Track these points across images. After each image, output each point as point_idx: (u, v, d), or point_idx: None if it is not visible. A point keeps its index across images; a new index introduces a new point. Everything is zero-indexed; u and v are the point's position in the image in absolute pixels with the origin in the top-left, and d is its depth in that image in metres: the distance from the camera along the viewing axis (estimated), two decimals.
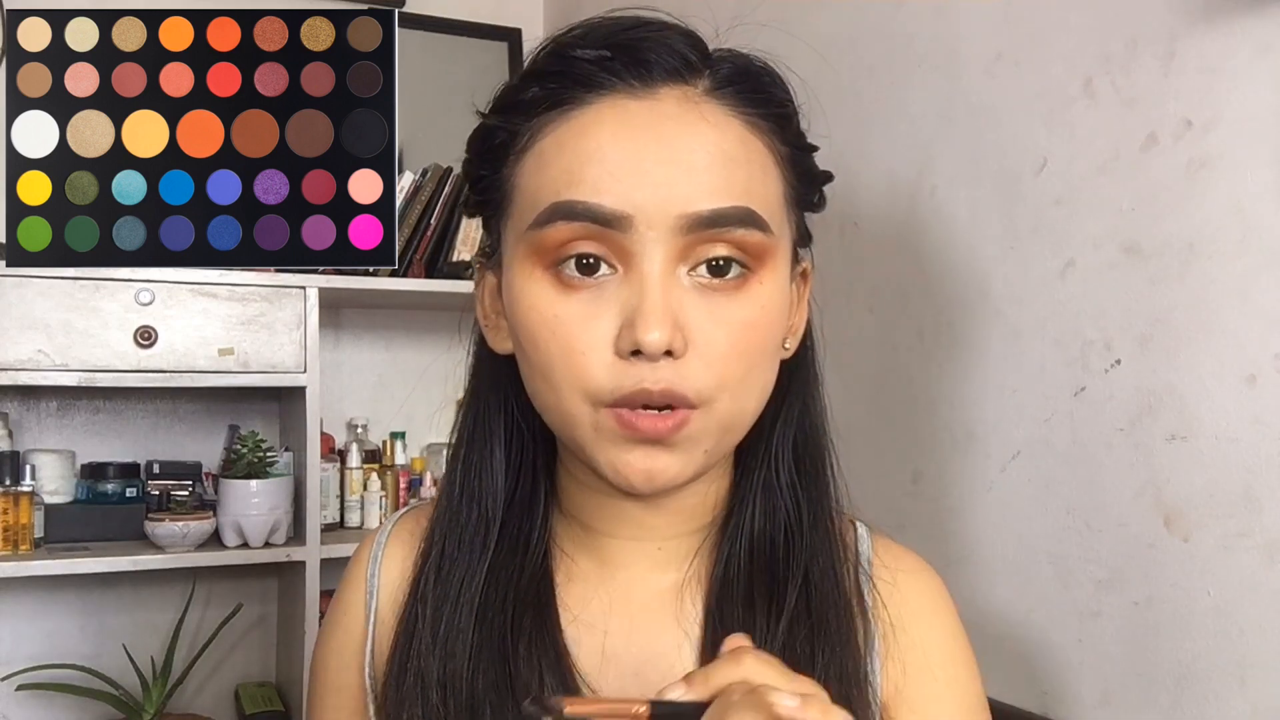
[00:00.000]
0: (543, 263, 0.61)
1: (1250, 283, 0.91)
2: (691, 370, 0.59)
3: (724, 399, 0.61)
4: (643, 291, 0.59)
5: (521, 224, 0.62)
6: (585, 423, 0.61)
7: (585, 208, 0.59)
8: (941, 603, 0.72)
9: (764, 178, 0.63)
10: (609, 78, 0.61)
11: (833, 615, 0.66)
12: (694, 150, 0.60)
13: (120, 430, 2.14)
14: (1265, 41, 0.90)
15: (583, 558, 0.71)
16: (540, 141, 0.62)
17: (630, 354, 0.58)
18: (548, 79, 0.62)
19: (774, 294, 0.63)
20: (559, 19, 2.43)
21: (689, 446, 0.61)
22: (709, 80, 0.62)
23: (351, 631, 0.75)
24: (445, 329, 0.68)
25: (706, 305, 0.60)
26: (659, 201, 0.59)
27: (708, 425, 0.61)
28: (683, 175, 0.59)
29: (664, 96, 0.61)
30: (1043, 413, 1.12)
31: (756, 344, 0.62)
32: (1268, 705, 0.90)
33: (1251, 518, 0.91)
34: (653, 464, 0.61)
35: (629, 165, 0.59)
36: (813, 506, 0.69)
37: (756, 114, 0.63)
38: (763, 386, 0.64)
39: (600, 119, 0.60)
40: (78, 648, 2.04)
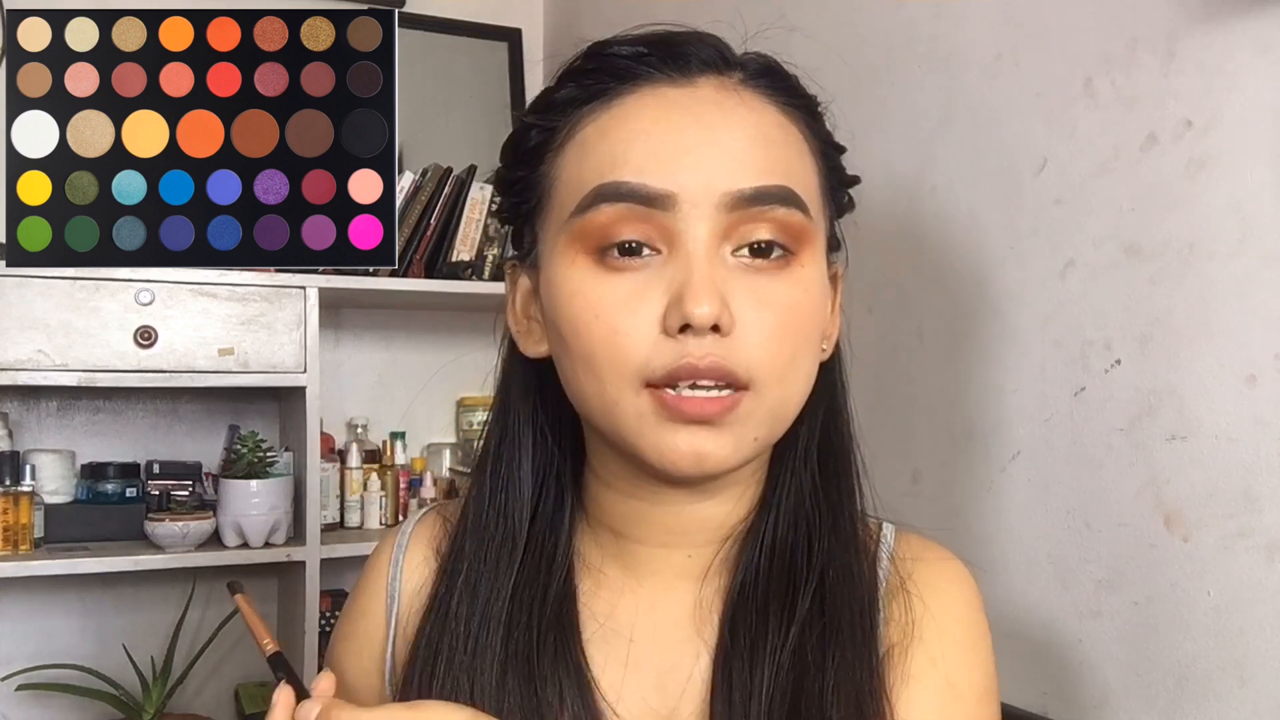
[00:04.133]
0: (586, 248, 0.61)
1: (1250, 283, 0.91)
2: (741, 347, 0.59)
3: (772, 383, 0.61)
4: (690, 267, 0.59)
5: (563, 214, 0.62)
6: (629, 409, 0.60)
7: (630, 188, 0.59)
8: (964, 589, 0.71)
9: (801, 161, 0.64)
10: (647, 69, 0.62)
11: (847, 619, 0.65)
12: (734, 131, 0.61)
13: (120, 430, 2.13)
14: (1265, 41, 0.90)
15: (611, 566, 0.70)
16: (581, 132, 0.63)
17: (679, 331, 0.58)
18: (585, 76, 0.63)
19: (816, 278, 0.63)
20: (559, 19, 2.43)
21: (739, 430, 0.61)
22: (742, 72, 0.64)
23: (372, 638, 0.75)
24: (445, 329, 0.68)
25: (751, 286, 0.60)
26: (702, 180, 0.59)
27: (757, 409, 0.61)
28: (725, 155, 0.60)
29: (702, 84, 0.62)
30: (1043, 413, 1.12)
31: (802, 327, 0.62)
32: (1268, 705, 0.90)
33: (1252, 518, 0.91)
34: (701, 445, 0.60)
35: (671, 146, 0.60)
36: (834, 510, 0.68)
37: (790, 103, 0.65)
38: (807, 375, 0.64)
39: (642, 104, 0.62)
40: (78, 648, 2.04)
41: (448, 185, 2.03)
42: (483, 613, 0.68)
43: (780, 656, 0.63)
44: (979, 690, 0.68)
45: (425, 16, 2.30)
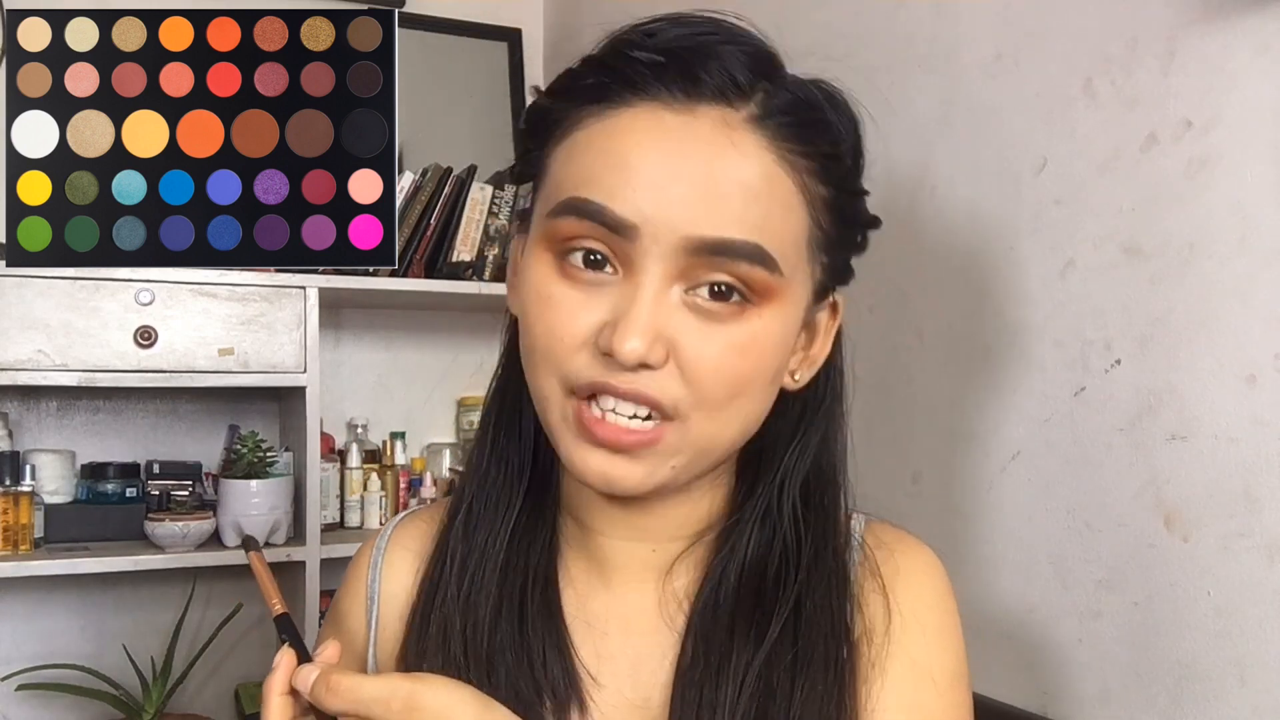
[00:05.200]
0: (551, 248, 0.62)
1: (1250, 282, 0.91)
2: (672, 380, 0.60)
3: (699, 418, 0.61)
4: (634, 300, 0.59)
5: (545, 208, 0.63)
6: (556, 410, 0.62)
7: (595, 209, 0.59)
8: (934, 576, 0.71)
9: (785, 216, 0.61)
10: (655, 85, 0.60)
11: (820, 652, 0.65)
12: (715, 176, 0.59)
13: (120, 430, 2.13)
14: (1264, 41, 0.90)
15: (580, 559, 0.71)
16: (575, 133, 0.63)
17: (605, 354, 0.59)
18: (601, 72, 0.63)
19: (771, 327, 0.62)
20: (559, 19, 2.43)
21: (653, 459, 0.61)
22: (755, 107, 0.61)
23: (354, 640, 0.75)
24: (445, 329, 0.68)
25: (699, 325, 0.60)
26: (668, 219, 0.58)
27: (680, 442, 0.61)
28: (697, 198, 0.59)
29: (702, 115, 0.60)
30: (1043, 413, 1.12)
31: (745, 370, 0.61)
32: (1268, 705, 0.90)
33: (1251, 518, 0.91)
34: (611, 470, 0.61)
35: (645, 178, 0.59)
36: (815, 541, 0.68)
37: (797, 151, 0.62)
38: (748, 415, 0.64)
39: (633, 126, 0.60)
40: (78, 648, 2.04)
41: (448, 185, 2.02)
42: (481, 551, 0.69)
43: (746, 678, 0.63)
44: (949, 675, 0.68)
45: (425, 16, 2.30)
